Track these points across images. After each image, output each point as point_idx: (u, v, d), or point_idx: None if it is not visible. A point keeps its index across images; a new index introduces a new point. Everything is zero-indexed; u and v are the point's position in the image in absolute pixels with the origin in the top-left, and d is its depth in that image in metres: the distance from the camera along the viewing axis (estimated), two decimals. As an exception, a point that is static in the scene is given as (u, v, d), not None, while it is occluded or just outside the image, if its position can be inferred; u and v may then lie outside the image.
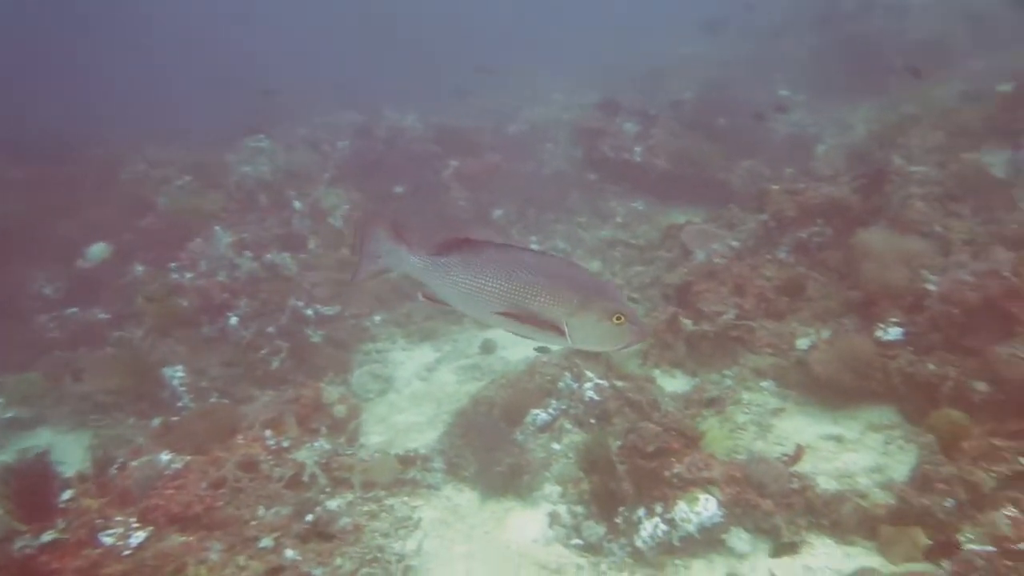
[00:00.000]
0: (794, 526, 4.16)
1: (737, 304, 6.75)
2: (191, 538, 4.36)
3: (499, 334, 8.40)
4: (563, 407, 5.96)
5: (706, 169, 11.03)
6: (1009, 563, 3.19)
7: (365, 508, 4.99)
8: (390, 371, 7.67)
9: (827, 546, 4.07)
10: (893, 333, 5.60)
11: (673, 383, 6.40)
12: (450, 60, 20.78)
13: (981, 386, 4.58)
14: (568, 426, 5.83)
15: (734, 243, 7.84)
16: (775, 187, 7.88)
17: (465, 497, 5.26)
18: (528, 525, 4.80)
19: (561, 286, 2.25)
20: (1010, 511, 3.49)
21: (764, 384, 6.05)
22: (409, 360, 8.01)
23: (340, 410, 5.96)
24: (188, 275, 8.39)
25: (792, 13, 16.15)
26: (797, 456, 4.50)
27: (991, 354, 4.71)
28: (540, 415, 5.92)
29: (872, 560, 3.77)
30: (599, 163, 11.74)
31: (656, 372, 6.57)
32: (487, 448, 5.41)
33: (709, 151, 11.27)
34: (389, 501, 5.12)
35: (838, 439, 5.16)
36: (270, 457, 5.18)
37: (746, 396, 5.92)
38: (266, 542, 4.40)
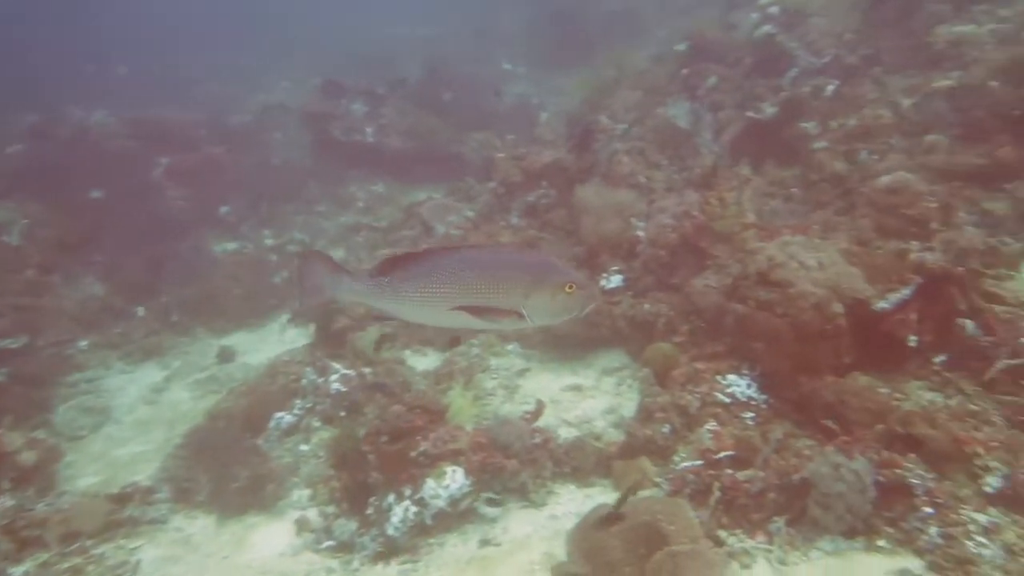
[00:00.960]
0: (540, 480, 4.23)
1: (477, 273, 6.79)
2: None
3: (237, 339, 7.69)
4: (309, 405, 5.57)
5: (439, 144, 11.07)
6: (712, 472, 3.50)
7: (66, 565, 4.21)
8: (106, 401, 6.63)
9: (570, 492, 4.20)
10: (615, 281, 5.94)
11: (425, 361, 6.28)
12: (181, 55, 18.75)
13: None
14: (316, 424, 5.46)
15: (470, 213, 7.92)
16: (500, 155, 8.07)
17: (199, 524, 4.67)
18: (274, 538, 4.38)
19: (509, 274, 2.31)
20: (712, 426, 3.84)
21: (510, 348, 6.15)
22: (131, 384, 7.01)
23: (28, 457, 4.98)
24: None
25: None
26: (538, 412, 4.59)
27: (689, 287, 5.17)
28: (285, 418, 5.48)
29: (609, 496, 3.95)
30: (332, 148, 11.26)
31: (407, 353, 6.41)
32: (223, 464, 4.85)
33: (439, 126, 11.32)
34: (99, 549, 4.37)
35: (577, 388, 5.38)
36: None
37: (494, 362, 5.97)
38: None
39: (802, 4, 7.59)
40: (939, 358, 3.87)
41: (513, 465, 4.16)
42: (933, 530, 3.04)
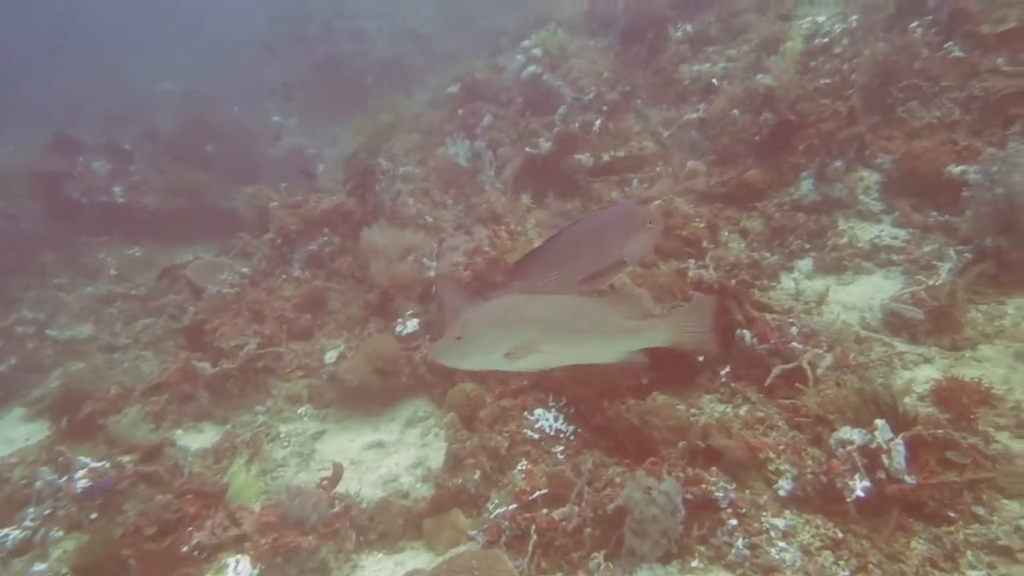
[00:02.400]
0: (342, 554, 3.75)
1: (258, 332, 6.18)
2: None
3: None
4: (47, 512, 4.56)
5: (206, 200, 10.15)
6: (528, 515, 3.30)
7: None
8: None
9: (378, 562, 3.76)
10: (411, 325, 5.66)
11: (201, 438, 5.48)
12: None
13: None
14: (58, 533, 4.47)
15: (244, 270, 7.23)
16: (274, 204, 7.52)
17: None
18: None
19: (605, 235, 2.59)
20: (523, 465, 3.66)
21: (301, 410, 5.58)
22: None
23: None
24: None
25: (266, 39, 16.25)
26: (335, 477, 4.11)
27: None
28: (11, 535, 4.43)
29: (421, 559, 3.59)
30: (71, 212, 9.84)
31: (178, 432, 5.57)
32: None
33: (206, 180, 10.41)
34: None
35: (380, 445, 4.96)
36: None
37: (284, 428, 5.37)
38: None
39: (561, 46, 8.02)
40: (724, 370, 4.05)
41: (309, 542, 3.64)
42: (740, 542, 3.06)
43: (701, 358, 4.00)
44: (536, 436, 3.91)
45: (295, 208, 7.25)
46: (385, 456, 4.83)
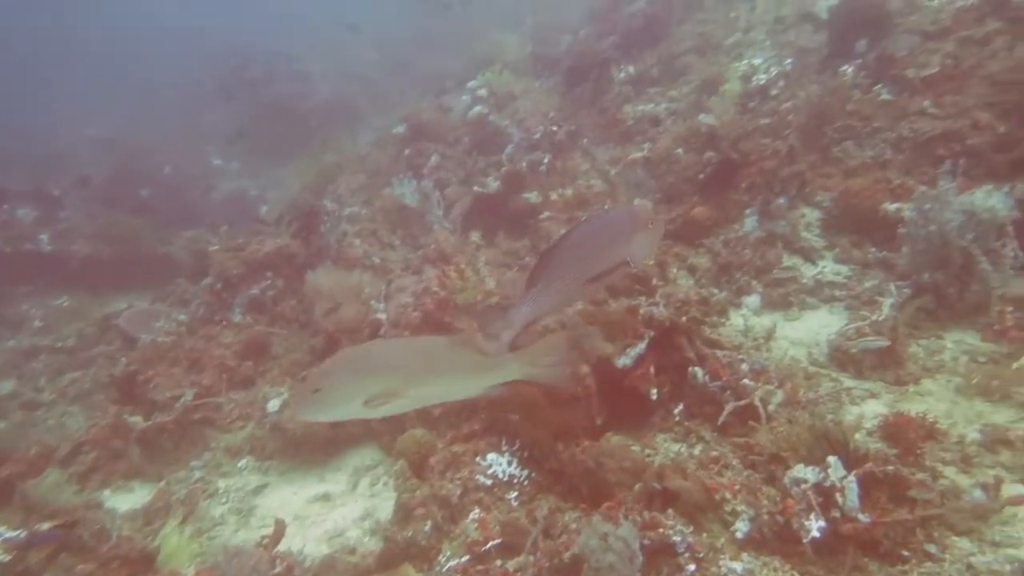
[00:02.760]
0: (285, 621, 3.56)
1: (195, 382, 5.95)
2: None
3: None
4: (-43, 591, 4.23)
5: (141, 246, 9.84)
6: (481, 567, 3.19)
7: None
8: None
9: (325, 626, 3.59)
10: (357, 369, 5.51)
11: (131, 498, 5.20)
12: None
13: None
14: (-30, 616, 4.14)
15: (182, 317, 6.99)
16: (214, 247, 7.33)
17: None
18: None
19: (610, 235, 2.67)
20: (476, 514, 3.56)
21: (241, 463, 5.36)
22: None
23: None
24: None
25: (202, 84, 16.14)
26: (277, 534, 3.93)
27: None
28: (-83, 619, 4.08)
29: (370, 621, 3.43)
30: (-7, 260, 9.42)
31: (106, 493, 5.27)
32: None
33: (142, 226, 10.11)
34: None
35: (326, 498, 4.78)
36: None
37: (222, 484, 5.14)
38: None
39: (507, 87, 8.14)
40: (678, 408, 4.04)
41: (249, 610, 3.45)
42: (699, 587, 3.02)
43: (655, 394, 3.98)
44: (489, 482, 3.81)
45: (236, 251, 7.07)
46: (331, 509, 4.65)
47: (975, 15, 6.36)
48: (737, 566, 3.08)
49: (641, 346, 4.06)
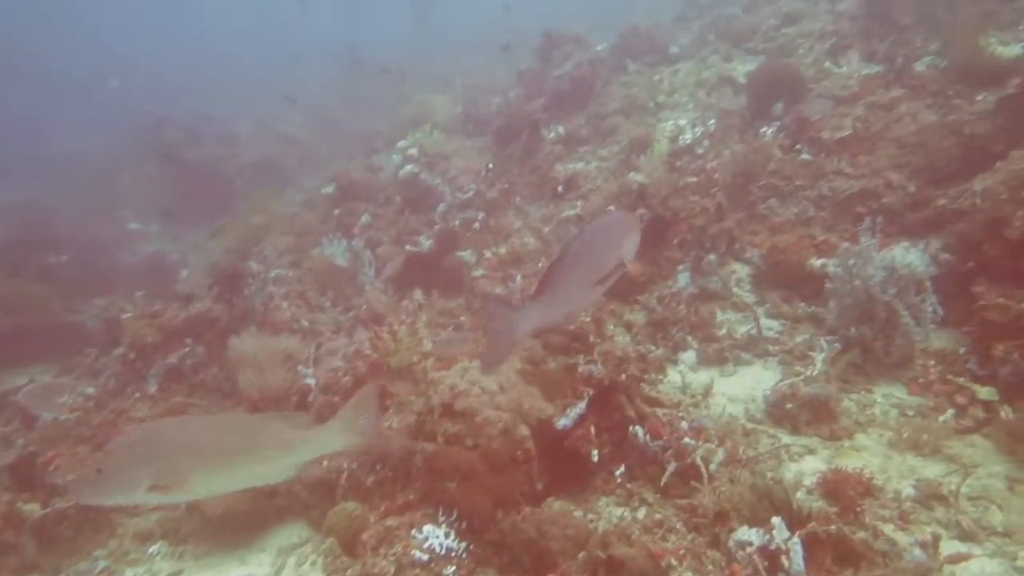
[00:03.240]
0: None
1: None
2: None
3: None
4: None
5: (46, 315, 9.30)
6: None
7: None
8: None
9: None
10: (285, 440, 5.27)
11: (28, 597, 4.74)
12: None
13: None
14: None
15: (89, 390, 6.58)
16: (127, 315, 6.99)
17: None
18: None
19: (604, 239, 2.83)
20: (410, 593, 3.38)
21: (153, 549, 4.98)
22: None
23: None
24: None
25: (120, 147, 15.74)
26: (194, 629, 3.64)
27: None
28: None
29: None
30: None
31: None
32: None
33: (46, 294, 9.58)
34: None
35: (248, 582, 4.48)
36: None
37: (130, 573, 4.75)
38: None
39: (438, 146, 8.22)
40: (619, 469, 4.00)
41: None
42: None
43: (596, 455, 3.92)
44: (425, 557, 3.64)
45: (152, 318, 6.75)
46: (254, 595, 4.35)
47: (880, 82, 6.84)
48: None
49: (581, 406, 4.03)
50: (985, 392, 4.11)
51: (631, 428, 3.98)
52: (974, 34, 6.32)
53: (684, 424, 4.03)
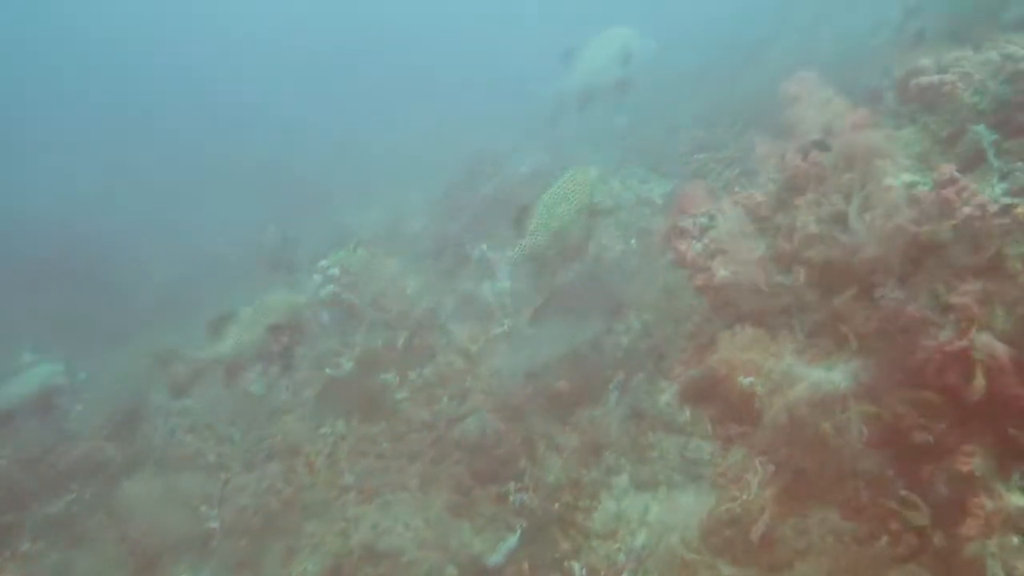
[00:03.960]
0: None
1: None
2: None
3: None
4: None
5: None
6: None
7: None
8: None
9: None
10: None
11: None
12: None
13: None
14: None
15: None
16: (3, 462, 6.43)
17: None
18: None
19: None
20: None
21: None
22: None
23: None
24: None
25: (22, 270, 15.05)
26: None
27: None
28: None
29: None
30: None
31: None
32: None
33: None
34: None
35: None
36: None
37: None
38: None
39: (360, 265, 8.20)
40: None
41: None
42: None
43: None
44: None
45: (34, 464, 6.22)
46: None
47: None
48: None
49: (513, 540, 3.85)
50: (916, 517, 4.08)
51: (566, 563, 3.81)
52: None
53: (621, 556, 3.88)
